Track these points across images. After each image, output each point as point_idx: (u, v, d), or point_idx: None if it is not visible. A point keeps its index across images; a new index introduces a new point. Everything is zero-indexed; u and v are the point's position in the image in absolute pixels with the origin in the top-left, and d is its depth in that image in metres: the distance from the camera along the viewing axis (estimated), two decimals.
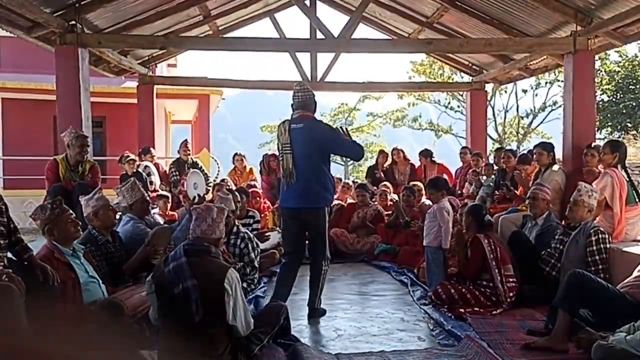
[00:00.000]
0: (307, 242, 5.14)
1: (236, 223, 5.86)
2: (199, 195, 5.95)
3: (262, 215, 7.91)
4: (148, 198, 5.68)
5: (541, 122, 22.89)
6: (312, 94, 4.91)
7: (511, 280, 4.99)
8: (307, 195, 4.76)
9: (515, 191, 7.11)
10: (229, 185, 8.19)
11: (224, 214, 3.70)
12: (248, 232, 5.91)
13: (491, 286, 4.98)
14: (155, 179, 9.02)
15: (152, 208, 7.09)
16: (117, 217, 5.17)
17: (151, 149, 9.59)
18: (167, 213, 7.64)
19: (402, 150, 10.03)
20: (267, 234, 7.40)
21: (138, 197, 5.26)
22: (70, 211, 4.09)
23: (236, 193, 6.58)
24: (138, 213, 5.24)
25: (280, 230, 7.57)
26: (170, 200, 7.92)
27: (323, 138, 4.75)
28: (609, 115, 17.17)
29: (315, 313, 4.95)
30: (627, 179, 5.65)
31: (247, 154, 10.27)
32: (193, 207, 3.82)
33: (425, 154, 9.91)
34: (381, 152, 10.62)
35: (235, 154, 10.18)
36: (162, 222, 6.25)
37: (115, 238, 4.83)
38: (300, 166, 4.74)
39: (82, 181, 6.13)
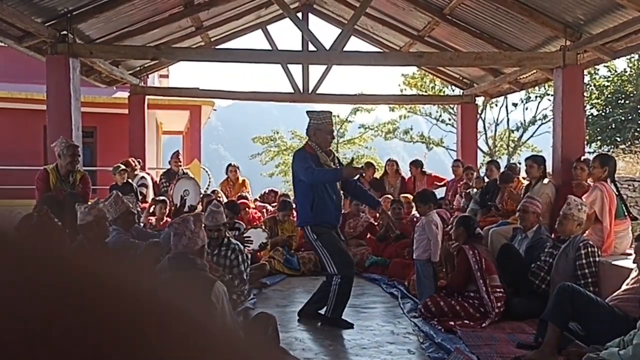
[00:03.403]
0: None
1: (227, 235, 5.83)
2: (190, 206, 5.87)
3: (252, 225, 7.87)
4: (133, 210, 5.59)
5: (531, 136, 23.02)
6: (311, 121, 5.21)
7: (498, 290, 4.99)
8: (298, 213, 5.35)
9: (504, 209, 7.10)
10: (219, 197, 8.15)
11: (202, 221, 3.65)
12: (239, 244, 5.87)
13: (478, 297, 4.99)
14: (149, 191, 8.95)
15: (139, 218, 7.03)
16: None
17: (130, 159, 9.31)
18: (162, 218, 7.54)
19: (395, 162, 10.05)
20: (246, 235, 7.16)
21: (123, 210, 5.18)
22: (56, 220, 4.05)
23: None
24: (123, 225, 5.16)
25: (264, 229, 7.55)
26: (166, 206, 7.83)
27: (293, 162, 5.24)
28: (598, 129, 17.31)
29: (323, 320, 5.09)
30: (617, 193, 5.69)
31: (238, 165, 10.25)
32: (170, 222, 3.76)
33: (416, 164, 9.94)
34: (367, 164, 10.54)
35: (230, 164, 10.16)
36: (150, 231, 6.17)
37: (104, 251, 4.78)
38: None
39: (73, 191, 6.09)
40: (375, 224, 8.22)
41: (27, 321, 0.30)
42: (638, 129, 16.66)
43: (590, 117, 17.17)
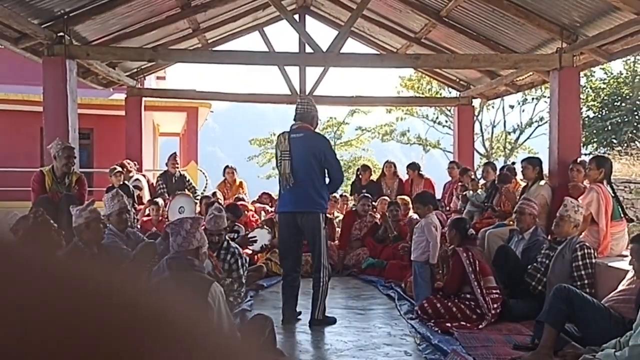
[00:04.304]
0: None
1: (227, 238, 5.84)
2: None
3: (250, 228, 7.86)
4: (128, 210, 5.53)
5: (528, 138, 23.05)
6: (312, 107, 5.22)
7: (494, 291, 5.00)
8: (304, 199, 5.02)
9: (502, 210, 7.11)
10: (218, 199, 8.12)
11: (199, 223, 3.66)
12: (238, 247, 5.87)
13: (474, 298, 4.99)
14: (143, 192, 8.94)
15: (135, 221, 7.00)
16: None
17: (125, 161, 9.18)
18: (160, 220, 7.52)
19: (393, 164, 10.03)
20: (251, 235, 7.20)
21: (115, 209, 5.15)
22: (52, 221, 4.04)
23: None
24: (116, 225, 5.14)
25: (269, 230, 7.54)
26: (159, 208, 7.81)
27: (323, 149, 5.07)
28: (594, 131, 17.36)
29: (315, 322, 5.04)
30: (613, 195, 5.71)
31: (235, 167, 10.25)
32: (167, 223, 3.77)
33: (413, 167, 9.91)
34: (364, 166, 10.53)
35: (227, 166, 10.15)
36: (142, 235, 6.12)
37: (101, 252, 4.76)
38: (298, 171, 5.00)
39: (69, 193, 6.08)
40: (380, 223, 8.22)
41: (22, 325, 0.30)
42: (634, 131, 16.70)
43: (586, 119, 17.21)
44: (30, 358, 0.29)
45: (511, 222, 6.31)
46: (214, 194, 8.66)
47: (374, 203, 8.80)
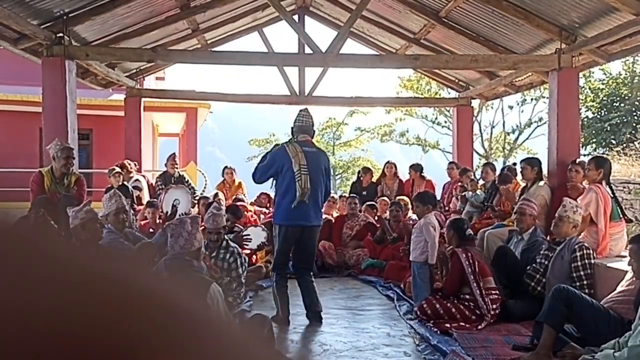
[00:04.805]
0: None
1: (226, 238, 5.84)
2: (182, 214, 5.90)
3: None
4: (126, 210, 5.51)
5: (527, 138, 23.08)
6: (312, 119, 5.38)
7: (493, 292, 5.00)
8: (315, 213, 5.21)
9: (501, 210, 7.12)
10: (220, 200, 8.11)
11: (198, 223, 3.66)
12: (238, 247, 5.88)
13: (473, 299, 4.99)
14: (143, 193, 8.94)
15: (134, 222, 6.98)
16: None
17: (125, 162, 9.13)
18: (155, 222, 7.52)
19: (394, 165, 10.02)
20: (245, 233, 7.16)
21: (112, 209, 5.15)
22: (53, 222, 4.04)
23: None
24: (114, 225, 5.14)
25: (264, 228, 7.49)
26: (157, 211, 7.80)
27: (328, 167, 5.36)
28: (593, 132, 17.38)
29: (318, 316, 5.23)
30: (611, 195, 5.71)
31: (234, 167, 10.24)
32: (167, 224, 3.77)
33: (416, 167, 9.90)
34: (365, 169, 10.52)
35: (226, 167, 10.14)
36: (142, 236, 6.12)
37: (99, 253, 4.74)
38: (314, 187, 5.10)
39: (68, 193, 6.07)
40: (377, 225, 8.20)
41: (27, 320, 0.30)
42: (633, 132, 16.72)
43: (585, 119, 17.23)
44: (41, 346, 0.29)
45: (510, 223, 6.32)
46: (216, 195, 8.64)
47: (373, 203, 8.81)
